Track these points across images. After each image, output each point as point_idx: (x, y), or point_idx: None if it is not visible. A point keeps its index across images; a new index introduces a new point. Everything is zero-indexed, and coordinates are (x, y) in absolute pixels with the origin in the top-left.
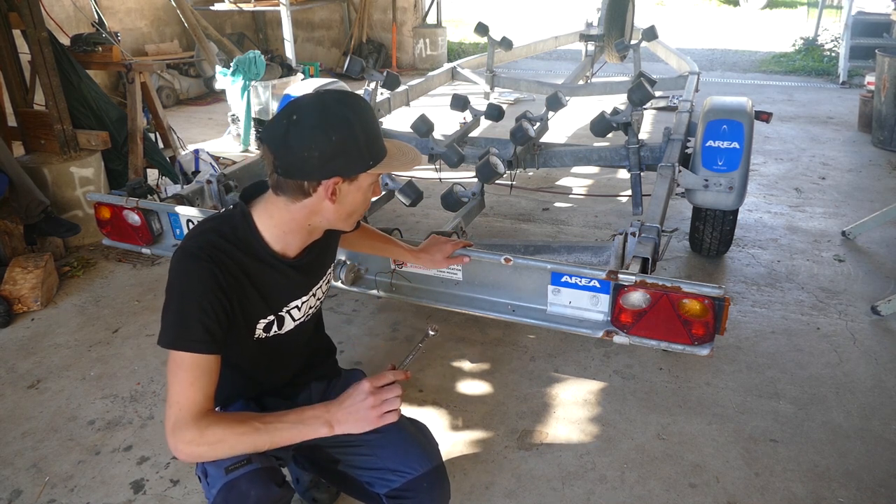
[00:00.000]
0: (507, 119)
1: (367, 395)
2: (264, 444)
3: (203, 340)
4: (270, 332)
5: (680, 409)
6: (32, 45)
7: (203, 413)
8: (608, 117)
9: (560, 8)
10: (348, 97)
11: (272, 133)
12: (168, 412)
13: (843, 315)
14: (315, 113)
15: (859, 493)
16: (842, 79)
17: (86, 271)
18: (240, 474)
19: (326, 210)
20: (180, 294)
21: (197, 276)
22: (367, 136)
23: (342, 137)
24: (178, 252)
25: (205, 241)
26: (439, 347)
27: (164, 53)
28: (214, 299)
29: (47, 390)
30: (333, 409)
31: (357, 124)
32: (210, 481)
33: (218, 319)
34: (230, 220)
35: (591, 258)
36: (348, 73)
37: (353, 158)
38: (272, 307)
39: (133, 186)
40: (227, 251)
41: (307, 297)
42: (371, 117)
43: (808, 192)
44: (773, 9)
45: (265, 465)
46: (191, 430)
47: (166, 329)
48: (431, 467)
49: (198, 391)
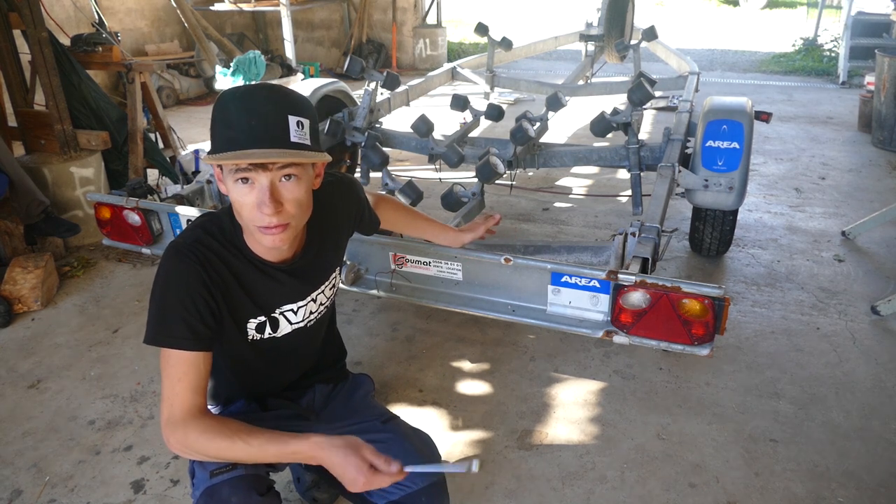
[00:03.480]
0: (507, 119)
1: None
2: (247, 460)
3: (185, 338)
4: (264, 334)
5: (680, 409)
6: (32, 45)
7: (193, 412)
8: (608, 117)
9: (560, 8)
10: (249, 87)
11: None
12: (161, 407)
13: (843, 315)
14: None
15: (859, 493)
16: (842, 79)
17: (86, 271)
18: (223, 480)
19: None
20: (163, 291)
21: (180, 273)
22: (224, 126)
23: (213, 116)
24: (165, 250)
25: (191, 238)
26: (439, 347)
27: (164, 53)
28: (198, 297)
29: (47, 390)
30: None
31: (228, 111)
32: (195, 482)
33: (202, 317)
34: (219, 219)
35: (591, 258)
36: (348, 73)
37: (212, 142)
38: (261, 307)
39: (133, 186)
40: (214, 248)
41: (304, 303)
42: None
43: (808, 192)
44: (773, 9)
45: (250, 472)
46: (179, 431)
47: (149, 325)
48: (432, 482)
49: (186, 388)
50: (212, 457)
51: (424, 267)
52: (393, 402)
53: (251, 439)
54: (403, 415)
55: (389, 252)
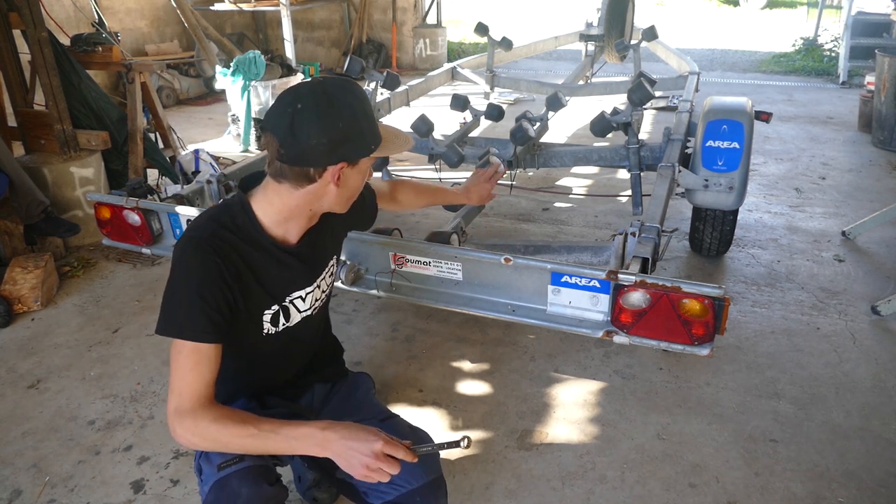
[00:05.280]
0: (507, 119)
1: (371, 455)
2: (256, 450)
3: (204, 330)
4: (279, 326)
5: (680, 409)
6: (32, 45)
7: (202, 402)
8: (608, 117)
9: (560, 8)
10: (348, 84)
11: (276, 122)
12: (169, 397)
13: (843, 315)
14: (320, 101)
15: (859, 493)
16: (842, 79)
17: (86, 271)
18: (231, 472)
19: (330, 194)
20: (182, 283)
21: (199, 266)
22: (368, 122)
23: (348, 124)
24: (180, 242)
25: (206, 230)
26: (439, 347)
27: (164, 53)
28: (217, 289)
29: (47, 390)
30: (332, 437)
31: (360, 111)
32: (203, 478)
33: (219, 309)
34: (229, 210)
35: (591, 258)
36: (348, 73)
37: (357, 144)
38: (274, 296)
39: (133, 186)
40: (229, 240)
41: (311, 289)
42: (369, 103)
43: (808, 192)
44: (773, 9)
45: (257, 463)
46: (188, 420)
47: (167, 317)
48: (427, 481)
49: (197, 378)
50: (222, 444)
51: (424, 267)
52: (393, 402)
53: (262, 424)
54: (403, 414)
55: (389, 252)
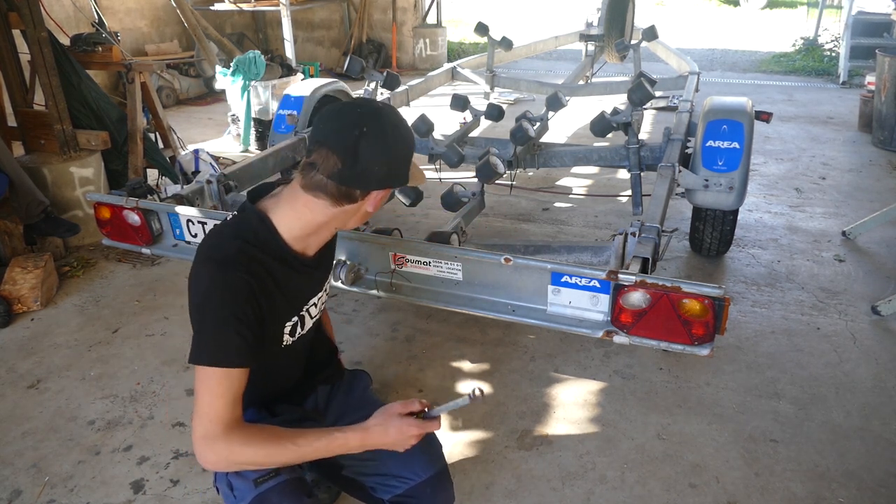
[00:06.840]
0: (507, 119)
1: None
2: (296, 461)
3: (238, 354)
4: (295, 336)
5: (680, 409)
6: (32, 45)
7: (232, 425)
8: (608, 117)
9: (560, 8)
10: (401, 115)
11: (337, 140)
12: (196, 422)
13: (843, 315)
14: (386, 129)
15: (859, 493)
16: (842, 79)
17: (86, 271)
18: (270, 486)
19: (360, 215)
20: (213, 306)
21: (229, 286)
22: (411, 155)
23: (403, 155)
24: (203, 265)
25: (232, 248)
26: (439, 347)
27: (164, 53)
28: (248, 308)
29: (47, 390)
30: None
31: (411, 145)
32: (237, 494)
33: (252, 327)
34: (248, 224)
35: (591, 258)
36: (348, 73)
37: (402, 173)
38: (295, 308)
39: (133, 186)
40: (255, 256)
41: (321, 293)
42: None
43: (809, 192)
44: (773, 9)
45: (293, 475)
46: (219, 444)
47: (201, 345)
48: (434, 473)
49: (226, 402)
50: (259, 464)
51: (424, 267)
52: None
53: (298, 439)
54: None
55: (389, 252)
